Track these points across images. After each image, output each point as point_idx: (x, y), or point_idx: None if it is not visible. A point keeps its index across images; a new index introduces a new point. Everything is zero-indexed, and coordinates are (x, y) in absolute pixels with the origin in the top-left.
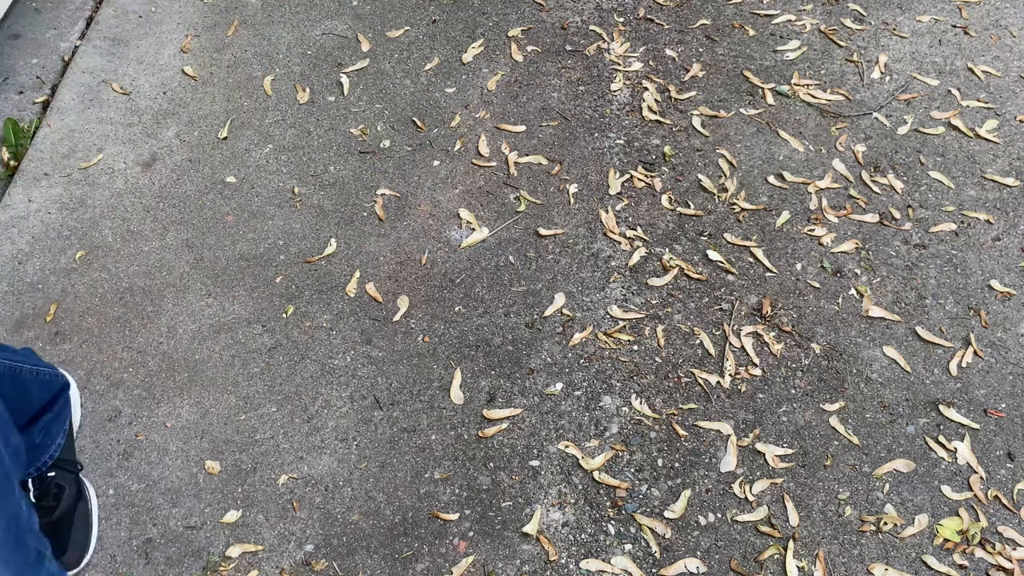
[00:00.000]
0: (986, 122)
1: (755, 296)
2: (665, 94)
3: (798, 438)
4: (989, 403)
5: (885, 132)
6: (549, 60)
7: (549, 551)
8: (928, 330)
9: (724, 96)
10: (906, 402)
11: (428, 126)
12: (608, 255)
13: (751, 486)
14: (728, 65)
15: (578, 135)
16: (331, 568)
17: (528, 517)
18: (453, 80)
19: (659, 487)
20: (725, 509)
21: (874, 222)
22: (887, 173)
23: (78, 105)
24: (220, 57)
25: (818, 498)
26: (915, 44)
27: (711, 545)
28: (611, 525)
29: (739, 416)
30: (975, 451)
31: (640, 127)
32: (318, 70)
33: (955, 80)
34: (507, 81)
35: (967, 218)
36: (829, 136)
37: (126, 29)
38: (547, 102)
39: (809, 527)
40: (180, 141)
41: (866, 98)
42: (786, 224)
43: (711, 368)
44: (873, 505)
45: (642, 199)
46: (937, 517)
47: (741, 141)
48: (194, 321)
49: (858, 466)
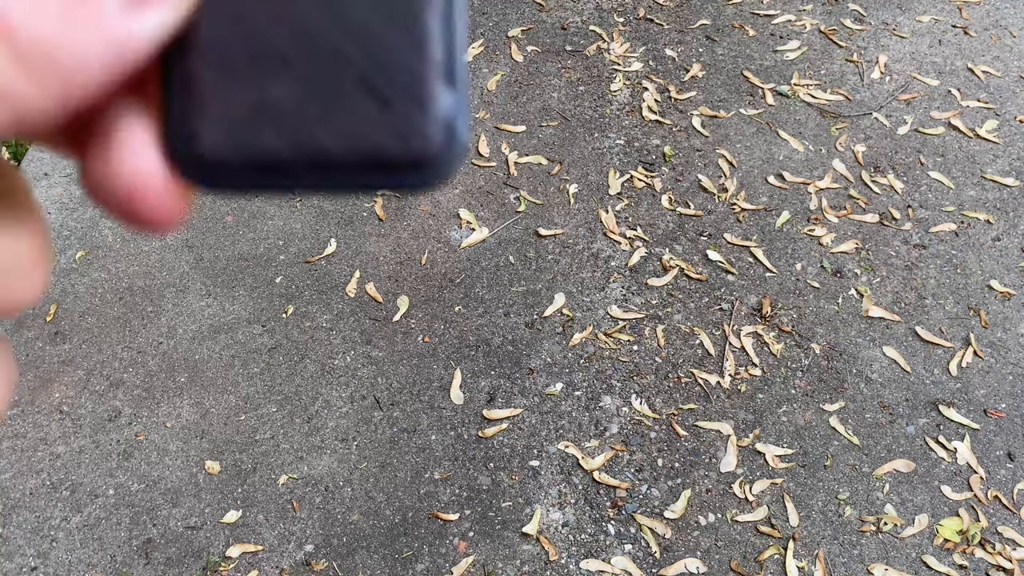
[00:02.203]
0: (986, 122)
1: (755, 296)
2: (665, 94)
3: (798, 438)
4: (989, 403)
5: (885, 132)
6: (549, 60)
7: (549, 551)
8: (928, 330)
9: (724, 96)
10: (906, 402)
11: None
12: (608, 255)
13: (751, 486)
14: (728, 65)
15: (578, 135)
16: (331, 568)
17: (528, 517)
18: None
19: (659, 487)
20: (725, 509)
21: (874, 222)
22: (887, 173)
23: None
24: None
25: (818, 498)
26: (915, 44)
27: (711, 545)
28: (611, 525)
29: (739, 416)
30: (975, 451)
31: (640, 127)
32: None
33: (955, 80)
34: (507, 81)
35: (967, 218)
36: (829, 136)
37: None
38: (547, 102)
39: (809, 527)
40: None
41: (866, 98)
42: (786, 224)
43: (711, 368)
44: (873, 505)
45: (642, 199)
46: (937, 517)
47: (741, 141)
48: (194, 321)
49: (858, 466)
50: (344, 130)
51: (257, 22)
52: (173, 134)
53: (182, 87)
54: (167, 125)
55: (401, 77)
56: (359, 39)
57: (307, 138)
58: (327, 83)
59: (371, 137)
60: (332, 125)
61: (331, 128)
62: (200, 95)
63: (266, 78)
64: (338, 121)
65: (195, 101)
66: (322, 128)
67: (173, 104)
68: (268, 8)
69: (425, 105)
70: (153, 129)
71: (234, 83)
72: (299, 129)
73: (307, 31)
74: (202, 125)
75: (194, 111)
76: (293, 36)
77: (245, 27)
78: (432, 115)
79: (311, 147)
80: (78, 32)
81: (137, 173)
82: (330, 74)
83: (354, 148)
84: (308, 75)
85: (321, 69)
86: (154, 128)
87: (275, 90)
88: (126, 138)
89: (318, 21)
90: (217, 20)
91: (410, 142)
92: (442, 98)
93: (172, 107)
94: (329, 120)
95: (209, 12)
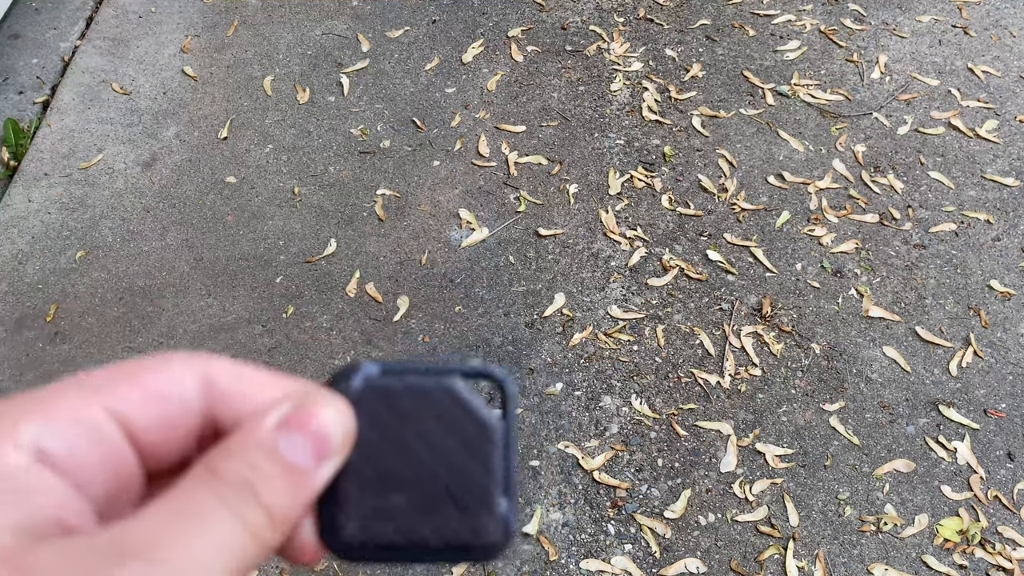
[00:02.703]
0: (986, 122)
1: (755, 296)
2: (665, 94)
3: (798, 438)
4: (989, 403)
5: (885, 132)
6: (549, 60)
7: (549, 551)
8: (928, 330)
9: (724, 96)
10: (906, 402)
11: (428, 126)
12: (608, 255)
13: (751, 486)
14: (728, 65)
15: (578, 135)
16: (331, 568)
17: (528, 517)
18: (453, 80)
19: (659, 487)
20: (725, 509)
21: (874, 222)
22: (887, 173)
23: (78, 105)
24: (220, 57)
25: (818, 498)
26: (915, 44)
27: (711, 545)
28: (611, 525)
29: (739, 416)
30: (975, 451)
31: (640, 127)
32: (318, 70)
33: (955, 80)
34: (507, 81)
35: (967, 218)
36: (829, 136)
37: (126, 29)
38: (547, 102)
39: (809, 527)
40: (180, 141)
41: (866, 98)
42: (786, 224)
43: (711, 368)
44: (873, 505)
45: (642, 199)
46: (937, 517)
47: (741, 141)
48: (194, 321)
49: (858, 466)
50: (437, 526)
51: (382, 455)
52: (326, 524)
53: (332, 495)
54: (322, 518)
55: (476, 491)
56: (448, 465)
57: (413, 531)
58: (427, 495)
59: (455, 531)
60: (430, 522)
61: (429, 525)
62: (344, 501)
63: (387, 492)
64: (434, 520)
65: (340, 505)
66: (423, 524)
67: (326, 506)
68: (389, 447)
69: (491, 510)
70: (314, 521)
71: (366, 494)
72: (408, 525)
73: (415, 460)
74: (345, 520)
75: (340, 511)
76: (406, 463)
77: (374, 458)
78: (495, 516)
79: (416, 537)
80: (297, 496)
81: (303, 548)
82: (429, 489)
83: (444, 538)
84: (415, 489)
85: (423, 486)
86: (314, 520)
87: (393, 499)
88: (300, 526)
89: (422, 455)
90: (355, 454)
91: (480, 535)
92: (502, 505)
93: (326, 508)
94: (428, 519)
95: (357, 451)
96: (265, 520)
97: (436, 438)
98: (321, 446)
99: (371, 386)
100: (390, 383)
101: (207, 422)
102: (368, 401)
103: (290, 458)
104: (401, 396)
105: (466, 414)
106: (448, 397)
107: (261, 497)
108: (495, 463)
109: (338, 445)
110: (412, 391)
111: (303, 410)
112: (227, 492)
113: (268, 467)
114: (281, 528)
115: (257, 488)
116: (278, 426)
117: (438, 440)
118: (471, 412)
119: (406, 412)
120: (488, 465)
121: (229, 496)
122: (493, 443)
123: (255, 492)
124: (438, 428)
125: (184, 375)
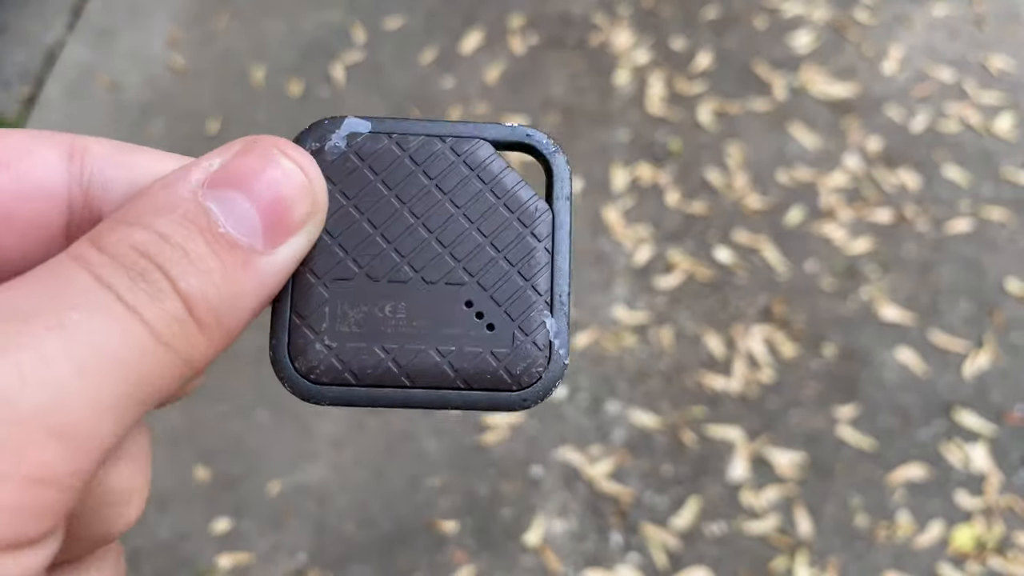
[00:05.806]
0: (1001, 117)
1: (765, 297)
2: (672, 88)
3: (809, 444)
4: (1005, 407)
5: (898, 127)
6: (551, 52)
7: (551, 561)
8: (942, 331)
9: (732, 90)
10: (920, 406)
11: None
12: (613, 254)
13: (760, 493)
14: (737, 58)
15: (581, 130)
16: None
17: (529, 526)
18: (451, 72)
19: (665, 495)
20: (734, 517)
21: (887, 220)
22: (900, 169)
23: (64, 98)
24: (210, 49)
25: (830, 505)
26: (928, 37)
27: (719, 555)
28: (615, 534)
29: (748, 421)
30: (990, 456)
31: (645, 122)
32: (311, 62)
33: (969, 74)
34: (507, 74)
35: (982, 216)
36: (840, 131)
37: (114, 20)
38: (549, 96)
39: (820, 535)
40: (169, 135)
41: (878, 92)
42: (797, 222)
43: (719, 372)
44: (886, 512)
45: (648, 196)
46: (952, 524)
47: (750, 136)
48: None
49: (871, 472)
50: (448, 351)
51: (369, 245)
52: (282, 343)
53: (292, 300)
54: (276, 334)
55: (508, 303)
56: (469, 265)
57: (413, 357)
58: (435, 305)
59: (474, 360)
60: (437, 345)
61: (435, 348)
62: (311, 309)
63: (376, 299)
64: (443, 341)
65: (305, 315)
66: (426, 347)
67: (283, 316)
68: (380, 233)
69: (528, 331)
70: (268, 339)
71: (342, 300)
72: (405, 347)
73: (419, 254)
74: (313, 338)
75: (303, 324)
76: (405, 258)
77: (358, 248)
78: (534, 341)
79: (416, 365)
80: (235, 286)
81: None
82: (439, 297)
83: (456, 368)
84: (418, 297)
85: (431, 292)
86: (269, 338)
87: (384, 309)
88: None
89: (431, 248)
90: (328, 239)
91: (511, 366)
92: (546, 325)
93: (282, 318)
94: (434, 340)
95: (331, 235)
96: (181, 315)
97: (452, 227)
98: (274, 213)
99: (357, 149)
100: (385, 147)
101: (79, 219)
102: (352, 168)
103: (226, 226)
104: (400, 165)
105: (497, 196)
106: (470, 170)
107: (176, 282)
108: (536, 266)
109: (301, 215)
110: (418, 159)
111: (244, 161)
112: (116, 274)
113: (187, 238)
114: (211, 335)
115: (168, 268)
116: (207, 182)
117: (455, 229)
118: (505, 193)
119: (408, 188)
120: (527, 268)
121: (119, 280)
122: (535, 238)
123: (165, 274)
124: (456, 213)
125: (47, 154)
